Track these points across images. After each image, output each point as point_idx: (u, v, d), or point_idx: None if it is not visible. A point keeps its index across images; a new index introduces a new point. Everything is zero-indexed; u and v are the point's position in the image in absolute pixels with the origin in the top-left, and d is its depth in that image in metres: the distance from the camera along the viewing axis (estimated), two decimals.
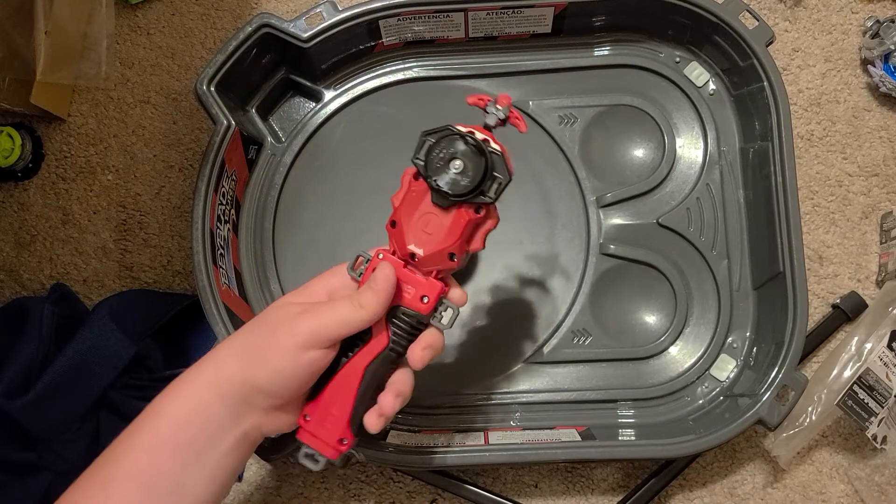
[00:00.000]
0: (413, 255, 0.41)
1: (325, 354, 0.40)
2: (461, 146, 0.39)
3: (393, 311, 0.42)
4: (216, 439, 0.40)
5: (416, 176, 0.41)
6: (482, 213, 0.40)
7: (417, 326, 0.42)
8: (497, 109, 0.40)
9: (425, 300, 0.41)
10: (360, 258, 0.43)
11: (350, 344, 0.42)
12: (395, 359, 0.42)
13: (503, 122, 0.41)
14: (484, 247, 0.42)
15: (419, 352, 0.42)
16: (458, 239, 0.40)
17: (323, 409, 0.42)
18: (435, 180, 0.39)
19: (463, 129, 0.39)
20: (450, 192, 0.39)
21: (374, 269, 0.41)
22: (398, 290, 0.41)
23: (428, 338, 0.42)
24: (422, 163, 0.39)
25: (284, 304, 0.42)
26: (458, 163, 0.39)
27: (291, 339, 0.40)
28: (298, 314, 0.40)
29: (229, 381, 0.40)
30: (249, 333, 0.42)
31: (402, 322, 0.42)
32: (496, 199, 0.40)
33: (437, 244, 0.40)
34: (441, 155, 0.39)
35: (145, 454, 0.39)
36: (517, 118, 0.41)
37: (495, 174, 0.39)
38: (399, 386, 0.43)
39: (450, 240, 0.40)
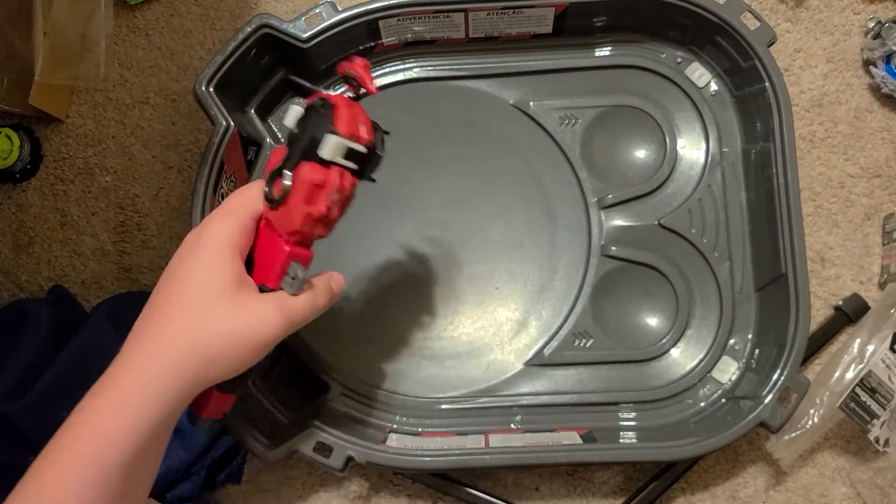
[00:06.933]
0: (273, 200, 0.40)
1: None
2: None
3: None
4: (165, 439, 0.39)
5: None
6: (323, 175, 0.40)
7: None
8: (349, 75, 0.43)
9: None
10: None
11: None
12: None
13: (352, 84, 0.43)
14: (333, 211, 0.41)
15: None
16: (300, 196, 0.40)
17: None
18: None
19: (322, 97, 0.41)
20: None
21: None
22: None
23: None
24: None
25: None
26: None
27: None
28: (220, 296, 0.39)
29: (182, 380, 0.37)
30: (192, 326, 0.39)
31: None
32: (328, 158, 0.40)
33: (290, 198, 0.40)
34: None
35: (92, 487, 0.35)
36: (363, 78, 0.43)
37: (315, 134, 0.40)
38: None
39: (294, 197, 0.40)
